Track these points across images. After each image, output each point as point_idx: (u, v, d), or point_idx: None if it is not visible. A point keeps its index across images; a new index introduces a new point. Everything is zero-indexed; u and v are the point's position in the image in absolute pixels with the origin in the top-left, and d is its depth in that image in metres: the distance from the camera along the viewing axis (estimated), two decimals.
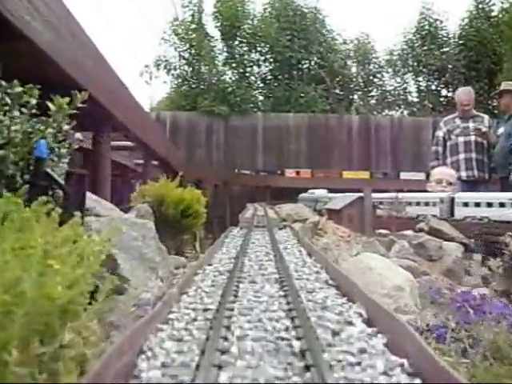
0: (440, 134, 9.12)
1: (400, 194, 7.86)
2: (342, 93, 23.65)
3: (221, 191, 18.74)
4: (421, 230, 7.18)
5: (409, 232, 7.56)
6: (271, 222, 5.38)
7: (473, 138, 8.59)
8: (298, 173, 21.79)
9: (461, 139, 8.70)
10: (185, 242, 5.21)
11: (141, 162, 10.06)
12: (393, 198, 7.69)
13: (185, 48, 21.84)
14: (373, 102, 23.95)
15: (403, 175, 21.72)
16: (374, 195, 7.81)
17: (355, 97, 24.18)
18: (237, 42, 22.57)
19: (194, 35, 21.36)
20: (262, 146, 22.05)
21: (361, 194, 7.77)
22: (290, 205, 9.01)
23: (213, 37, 22.59)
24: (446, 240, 6.83)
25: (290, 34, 22.53)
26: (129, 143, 7.52)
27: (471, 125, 8.71)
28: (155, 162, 9.97)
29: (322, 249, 5.73)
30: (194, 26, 21.77)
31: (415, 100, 24.63)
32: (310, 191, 13.35)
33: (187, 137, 21.65)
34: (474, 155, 8.59)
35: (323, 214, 8.46)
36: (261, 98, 23.19)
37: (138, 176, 8.29)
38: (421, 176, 22.19)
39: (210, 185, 18.86)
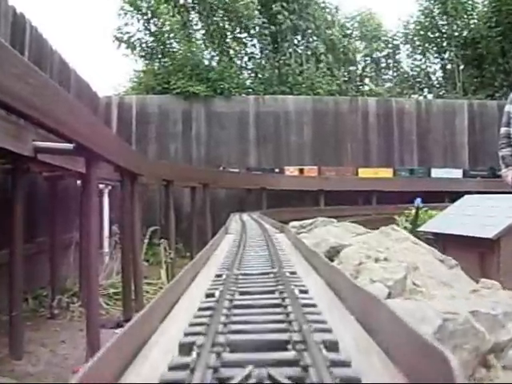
0: None
1: None
2: (347, 73, 19.33)
3: (200, 196, 14.20)
4: None
5: None
6: None
7: None
8: (301, 171, 17.97)
9: None
10: None
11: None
12: None
13: (148, 19, 17.52)
14: (389, 84, 19.66)
15: (435, 172, 17.67)
16: None
17: (366, 80, 19.96)
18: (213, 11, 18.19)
19: (157, 5, 17.03)
20: (254, 138, 18.16)
21: None
22: (333, 224, 4.40)
23: (183, 5, 18.23)
24: None
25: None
26: None
27: None
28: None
29: None
30: None
31: (441, 80, 20.33)
32: None
33: (159, 127, 17.37)
34: None
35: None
36: (248, 77, 18.86)
37: None
38: (457, 173, 18.11)
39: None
